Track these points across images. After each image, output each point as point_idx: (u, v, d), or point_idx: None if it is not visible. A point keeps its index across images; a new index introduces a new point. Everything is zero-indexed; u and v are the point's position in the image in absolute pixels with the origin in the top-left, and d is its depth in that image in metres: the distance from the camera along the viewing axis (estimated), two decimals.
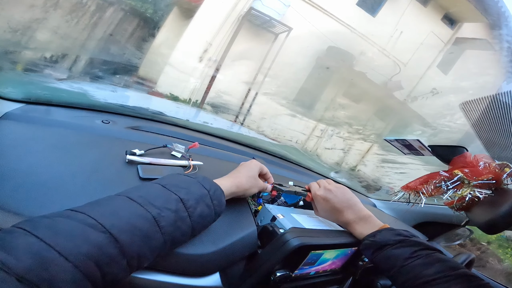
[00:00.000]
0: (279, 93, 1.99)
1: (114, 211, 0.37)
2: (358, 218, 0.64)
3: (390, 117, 2.13)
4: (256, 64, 2.02)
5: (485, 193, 0.51)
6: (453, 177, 0.55)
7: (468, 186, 0.53)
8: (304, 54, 2.05)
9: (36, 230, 0.30)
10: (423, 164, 0.97)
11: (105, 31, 1.14)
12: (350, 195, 0.68)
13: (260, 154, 1.08)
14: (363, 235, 0.62)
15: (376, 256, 0.57)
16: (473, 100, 0.59)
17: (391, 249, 0.55)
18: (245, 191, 0.60)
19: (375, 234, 0.60)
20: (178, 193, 0.44)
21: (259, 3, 1.96)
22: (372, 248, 0.58)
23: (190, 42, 1.74)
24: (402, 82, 2.00)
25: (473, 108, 0.59)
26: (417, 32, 1.82)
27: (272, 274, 0.53)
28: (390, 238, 0.57)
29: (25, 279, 0.26)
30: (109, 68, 1.04)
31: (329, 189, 0.67)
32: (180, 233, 0.42)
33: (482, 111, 0.59)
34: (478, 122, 0.62)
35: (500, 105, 0.59)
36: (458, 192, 0.54)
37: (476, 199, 0.52)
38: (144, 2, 1.44)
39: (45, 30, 0.74)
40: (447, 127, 1.46)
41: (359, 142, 1.98)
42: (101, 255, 0.33)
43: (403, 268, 0.52)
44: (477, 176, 0.53)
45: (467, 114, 0.62)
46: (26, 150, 0.53)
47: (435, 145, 0.63)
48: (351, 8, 1.97)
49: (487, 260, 2.91)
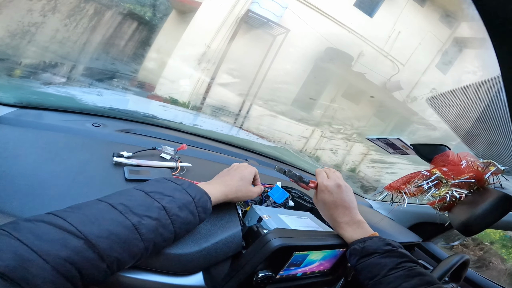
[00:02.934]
0: (277, 95, 2.00)
1: (93, 218, 0.38)
2: (351, 221, 0.64)
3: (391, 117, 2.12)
4: (254, 66, 2.03)
5: (464, 193, 0.50)
6: (431, 176, 0.54)
7: (446, 185, 0.52)
8: (302, 55, 2.06)
9: (18, 233, 0.32)
10: (411, 163, 0.96)
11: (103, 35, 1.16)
12: (353, 198, 0.67)
13: (252, 155, 1.08)
14: (353, 239, 0.62)
15: (361, 262, 0.57)
16: (442, 94, 0.58)
17: (378, 257, 0.55)
18: (233, 199, 0.61)
19: (365, 240, 0.59)
20: (161, 201, 0.44)
21: (257, 5, 1.97)
22: (359, 254, 0.58)
23: (188, 45, 1.76)
24: (401, 82, 1.99)
25: (446, 104, 0.59)
26: (415, 32, 1.81)
27: (255, 274, 0.54)
28: (379, 246, 0.57)
29: (6, 276, 0.28)
30: (105, 73, 1.06)
31: (340, 184, 0.66)
32: (161, 239, 0.43)
33: (456, 106, 0.58)
34: (453, 118, 0.61)
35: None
36: (437, 192, 0.54)
37: (454, 199, 0.52)
38: (142, 5, 1.47)
39: (38, 36, 0.76)
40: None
41: (357, 143, 1.97)
42: (80, 259, 0.34)
43: (385, 277, 0.53)
44: (456, 175, 0.52)
45: (438, 110, 0.61)
46: (16, 153, 0.55)
47: (417, 144, 0.63)
48: (348, 9, 1.97)
49: (490, 260, 2.86)
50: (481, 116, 0.51)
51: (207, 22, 1.85)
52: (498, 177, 0.52)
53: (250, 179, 0.64)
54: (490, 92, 0.43)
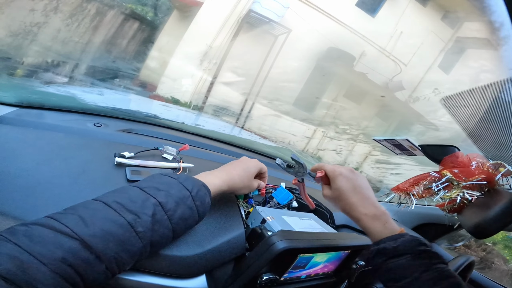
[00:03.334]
0: (279, 95, 1.99)
1: (88, 218, 0.37)
2: (378, 214, 0.56)
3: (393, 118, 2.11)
4: (255, 66, 2.02)
5: (476, 195, 0.49)
6: (442, 177, 0.53)
7: (458, 187, 0.51)
8: (304, 55, 2.05)
9: (13, 237, 0.32)
10: (417, 164, 0.95)
11: (104, 35, 1.16)
12: (370, 186, 0.61)
13: (254, 155, 1.08)
14: (382, 235, 0.54)
15: (389, 263, 0.51)
16: (457, 95, 0.56)
17: (411, 259, 0.49)
18: (235, 190, 0.59)
19: (397, 238, 0.52)
20: (156, 196, 0.43)
21: (258, 5, 1.96)
22: (390, 254, 0.51)
23: (190, 44, 1.75)
24: (403, 82, 1.99)
25: (459, 104, 0.57)
26: (417, 32, 1.80)
27: (259, 277, 0.53)
28: (414, 246, 0.51)
29: (7, 279, 0.28)
30: (107, 73, 1.06)
31: (352, 169, 0.61)
32: (159, 236, 0.42)
33: (470, 107, 0.57)
34: (465, 119, 0.59)
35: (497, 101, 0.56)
36: (448, 194, 0.52)
37: (466, 201, 0.50)
38: (144, 5, 1.46)
39: (40, 36, 0.76)
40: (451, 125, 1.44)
41: (359, 143, 1.96)
42: (76, 260, 0.33)
43: (416, 281, 0.47)
44: (467, 177, 0.51)
45: (451, 110, 0.60)
46: (17, 153, 0.54)
47: (426, 145, 0.61)
48: (350, 9, 1.97)
49: (493, 261, 2.85)
50: (495, 116, 0.49)
51: (209, 22, 1.85)
52: (507, 178, 0.52)
53: (254, 172, 0.62)
54: (509, 93, 0.42)
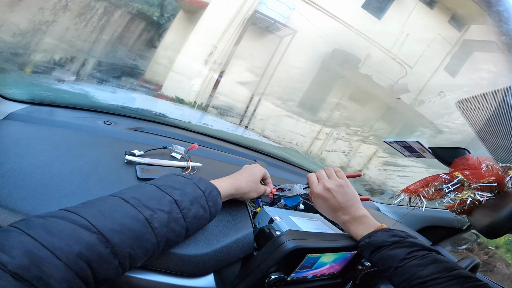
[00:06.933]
0: (284, 96, 1.99)
1: (106, 212, 0.37)
2: (352, 219, 0.63)
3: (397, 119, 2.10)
4: (260, 67, 2.02)
5: (487, 196, 0.50)
6: (453, 179, 0.54)
7: (469, 189, 0.52)
8: (309, 57, 2.05)
9: (30, 230, 0.31)
10: (425, 167, 0.95)
11: (112, 33, 1.16)
12: (351, 195, 0.65)
13: (261, 156, 1.08)
14: (360, 235, 0.62)
15: (373, 257, 0.57)
16: (472, 98, 0.57)
17: (387, 250, 0.55)
18: (243, 194, 0.61)
19: (370, 235, 0.59)
20: (172, 194, 0.44)
21: (264, 6, 1.97)
22: (369, 249, 0.58)
23: (195, 45, 1.76)
24: (408, 85, 1.98)
25: (472, 107, 0.58)
26: (423, 34, 1.80)
27: (267, 276, 0.53)
28: (385, 239, 0.56)
29: (18, 275, 0.27)
30: (115, 71, 1.06)
31: (328, 188, 0.64)
32: (173, 234, 0.43)
33: (483, 110, 0.57)
34: (479, 123, 0.60)
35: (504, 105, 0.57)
36: (459, 195, 0.53)
37: (477, 202, 0.51)
38: (150, 5, 1.47)
39: (51, 33, 0.76)
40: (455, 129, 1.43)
41: (362, 144, 1.96)
42: (92, 255, 0.33)
43: (398, 269, 0.52)
44: (478, 179, 0.51)
45: (465, 113, 0.60)
46: (28, 149, 0.54)
47: (436, 147, 0.62)
48: (356, 10, 1.97)
49: (495, 265, 2.84)
50: (504, 120, 0.50)
51: (215, 23, 1.86)
52: None
53: (260, 177, 0.66)
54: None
